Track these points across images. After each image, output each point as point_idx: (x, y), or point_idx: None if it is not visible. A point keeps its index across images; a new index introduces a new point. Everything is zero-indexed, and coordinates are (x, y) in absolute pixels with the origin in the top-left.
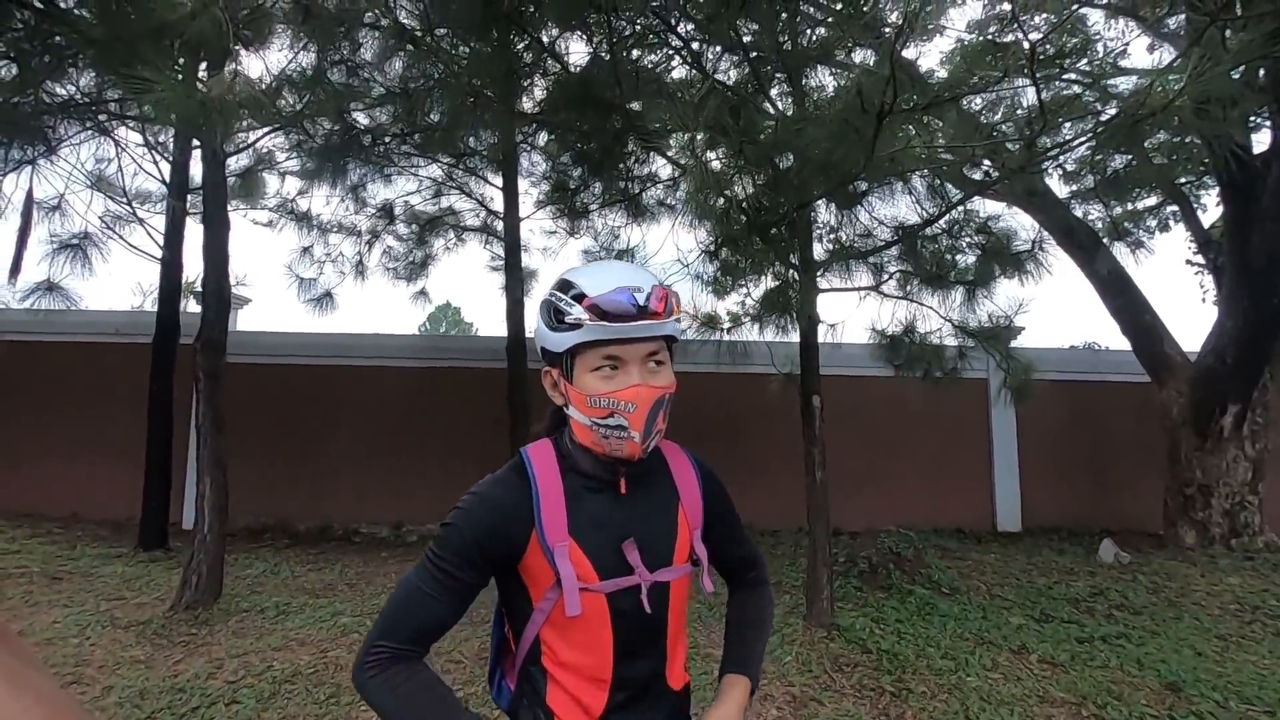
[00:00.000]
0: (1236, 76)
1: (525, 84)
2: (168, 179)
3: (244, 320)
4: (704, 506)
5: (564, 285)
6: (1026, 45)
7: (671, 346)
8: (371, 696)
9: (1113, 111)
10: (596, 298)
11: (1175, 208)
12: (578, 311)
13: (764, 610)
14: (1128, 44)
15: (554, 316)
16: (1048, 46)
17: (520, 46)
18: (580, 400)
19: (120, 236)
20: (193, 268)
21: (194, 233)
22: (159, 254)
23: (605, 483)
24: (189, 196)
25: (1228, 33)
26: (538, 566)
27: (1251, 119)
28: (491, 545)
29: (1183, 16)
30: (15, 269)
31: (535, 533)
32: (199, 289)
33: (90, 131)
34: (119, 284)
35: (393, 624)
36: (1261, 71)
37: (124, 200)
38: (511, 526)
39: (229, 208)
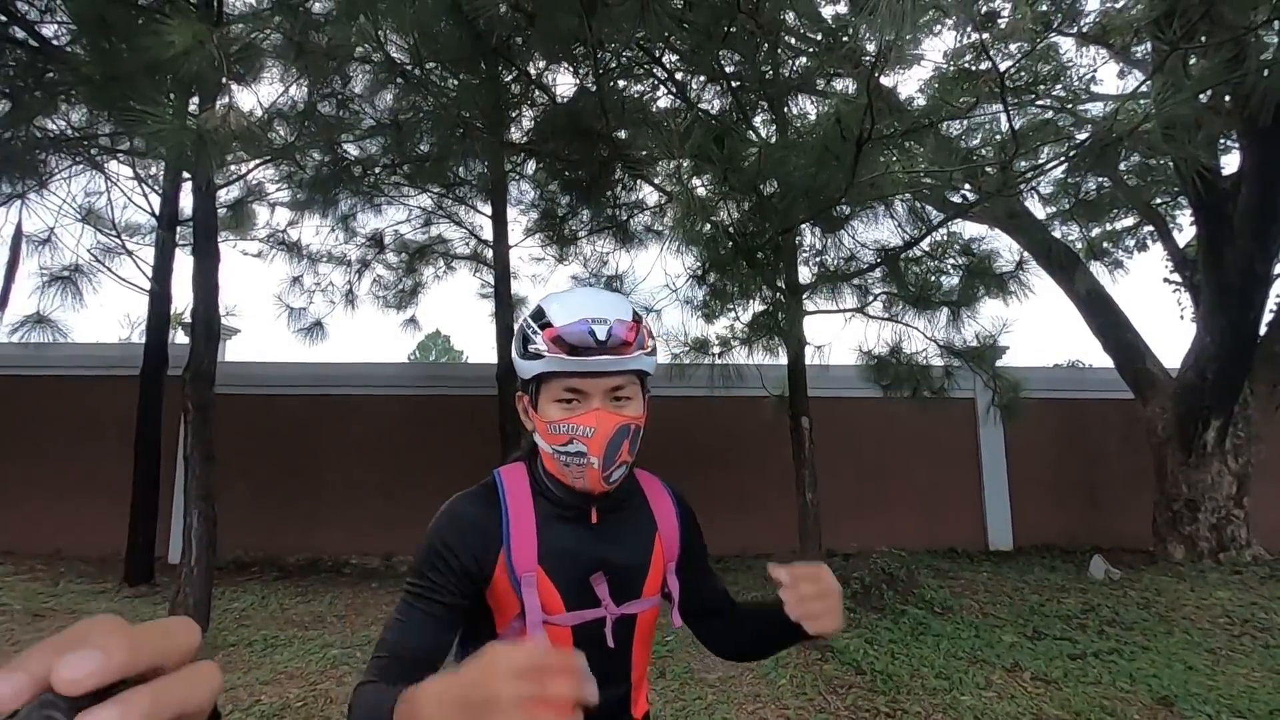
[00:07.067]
0: (1204, 100)
1: (513, 115)
2: (157, 211)
3: (233, 351)
4: (680, 539)
5: (537, 312)
6: (998, 73)
7: (644, 381)
8: None
9: (1084, 135)
10: (559, 328)
11: (1151, 228)
12: (540, 341)
13: None
14: (1096, 70)
15: (523, 343)
16: (1022, 74)
17: (508, 78)
18: (542, 427)
19: (109, 269)
20: (181, 299)
21: (183, 264)
22: (148, 286)
23: (577, 511)
24: (179, 228)
25: (1191, 60)
26: (504, 593)
27: (1222, 141)
28: (466, 560)
29: (1150, 44)
30: (3, 302)
31: (503, 555)
32: (188, 320)
33: (81, 165)
34: (107, 316)
35: (378, 664)
36: (1227, 96)
37: (113, 233)
38: (482, 544)
39: (219, 239)
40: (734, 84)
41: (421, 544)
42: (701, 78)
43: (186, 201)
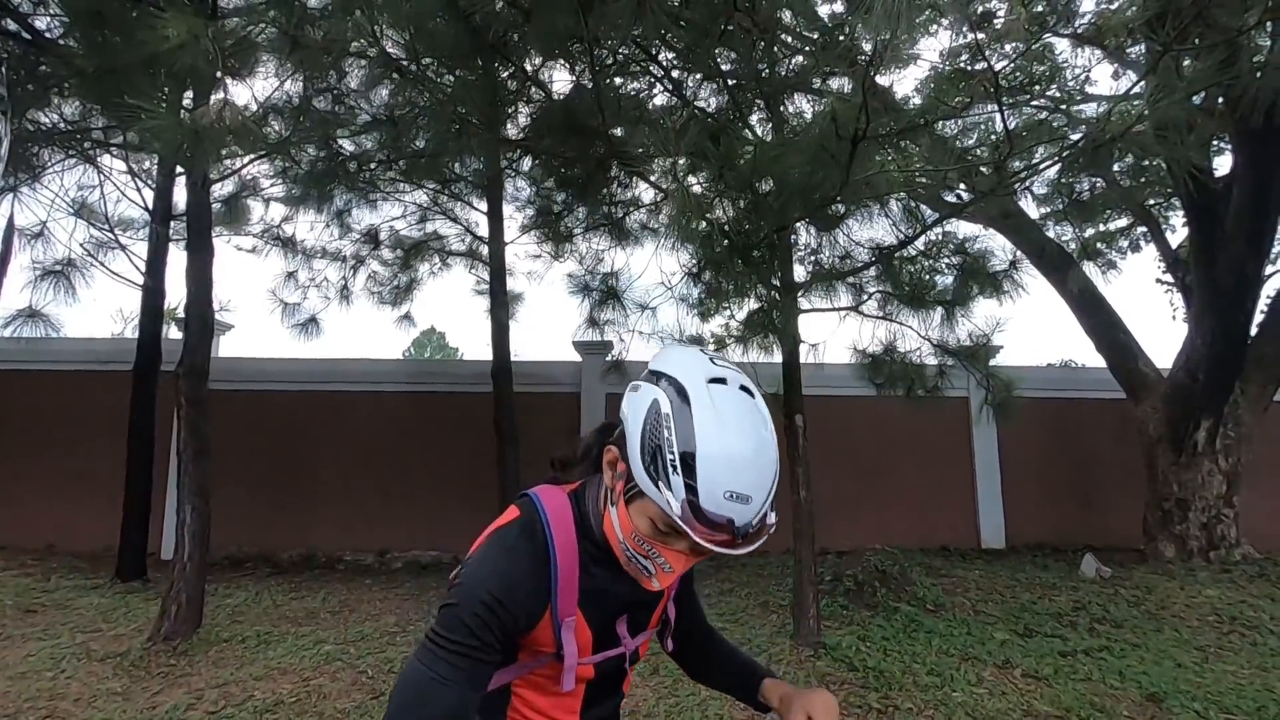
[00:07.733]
0: (1197, 102)
1: (510, 111)
2: (151, 206)
3: (227, 346)
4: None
5: (684, 417)
6: (993, 73)
7: None
8: None
9: (1078, 136)
10: (705, 507)
11: (1144, 228)
12: (676, 499)
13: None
14: (1090, 70)
15: (654, 463)
16: (1017, 74)
17: (505, 75)
18: (626, 525)
19: (102, 263)
20: (175, 294)
21: (177, 259)
22: (141, 281)
23: (611, 556)
24: (172, 223)
25: (1185, 61)
26: (542, 634)
27: (1215, 143)
28: (520, 617)
29: (1143, 45)
30: None
31: (549, 609)
32: (181, 315)
33: (74, 159)
34: (100, 311)
35: None
36: (1220, 98)
37: (106, 227)
38: (536, 599)
39: (213, 234)
40: (730, 82)
41: (466, 593)
42: (698, 76)
43: (180, 196)
